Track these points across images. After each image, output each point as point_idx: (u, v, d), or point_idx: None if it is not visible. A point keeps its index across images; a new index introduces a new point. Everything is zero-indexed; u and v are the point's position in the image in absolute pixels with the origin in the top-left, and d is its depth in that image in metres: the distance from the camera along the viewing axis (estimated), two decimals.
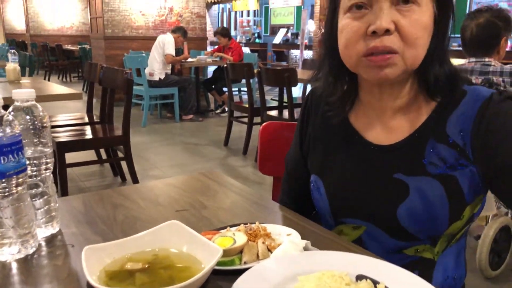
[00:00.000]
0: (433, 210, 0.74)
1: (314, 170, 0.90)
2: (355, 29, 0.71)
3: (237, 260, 0.63)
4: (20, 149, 0.66)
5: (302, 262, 0.61)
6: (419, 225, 0.76)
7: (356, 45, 0.71)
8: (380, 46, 0.69)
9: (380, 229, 0.80)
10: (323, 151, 0.89)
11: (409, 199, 0.76)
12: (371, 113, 0.84)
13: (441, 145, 0.76)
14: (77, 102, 7.07)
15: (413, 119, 0.80)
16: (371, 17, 0.69)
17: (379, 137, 0.82)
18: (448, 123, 0.76)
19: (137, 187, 1.02)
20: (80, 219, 0.82)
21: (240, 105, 4.45)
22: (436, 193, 0.74)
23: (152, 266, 0.59)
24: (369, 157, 0.82)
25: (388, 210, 0.77)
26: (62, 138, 2.74)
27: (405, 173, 0.77)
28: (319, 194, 0.88)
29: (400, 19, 0.68)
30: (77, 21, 13.87)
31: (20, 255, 0.68)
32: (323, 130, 0.90)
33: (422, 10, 0.70)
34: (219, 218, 0.84)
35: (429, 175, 0.75)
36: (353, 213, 0.82)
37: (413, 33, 0.69)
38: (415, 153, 0.77)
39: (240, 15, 16.21)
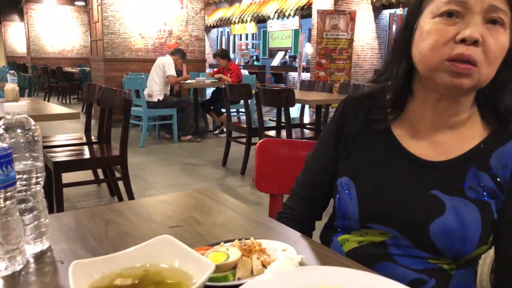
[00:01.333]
0: (467, 231, 0.76)
1: (346, 172, 0.89)
2: (444, 33, 0.72)
3: (231, 276, 0.61)
4: (10, 162, 0.65)
5: (298, 277, 0.59)
6: (449, 243, 0.77)
7: (443, 48, 0.72)
8: (466, 54, 0.71)
9: (408, 240, 0.80)
10: (360, 155, 0.88)
11: (445, 217, 0.77)
12: (419, 125, 0.84)
13: (483, 173, 0.78)
14: (75, 124, 7.08)
15: (462, 141, 0.81)
16: (462, 26, 0.71)
17: (423, 150, 0.83)
18: (493, 156, 0.79)
19: (129, 203, 1.00)
20: (70, 235, 0.80)
21: (238, 125, 4.46)
22: (472, 216, 0.76)
23: (143, 282, 0.57)
24: (409, 169, 0.83)
25: (421, 224, 0.78)
26: (59, 158, 2.72)
27: (443, 191, 0.79)
28: (349, 197, 0.86)
29: (488, 36, 0.71)
30: (78, 44, 14.06)
31: (7, 272, 0.65)
32: (363, 134, 0.89)
33: (505, 34, 0.72)
34: (213, 235, 0.82)
35: (468, 198, 0.77)
36: (383, 220, 0.82)
37: (495, 51, 0.71)
38: (456, 175, 0.79)
39: (238, 38, 16.45)
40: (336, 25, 8.42)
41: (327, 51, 8.48)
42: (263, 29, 15.21)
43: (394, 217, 0.81)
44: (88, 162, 2.92)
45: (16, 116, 0.71)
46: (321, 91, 4.89)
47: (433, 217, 0.77)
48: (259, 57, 15.33)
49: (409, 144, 0.84)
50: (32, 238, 0.73)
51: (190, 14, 7.40)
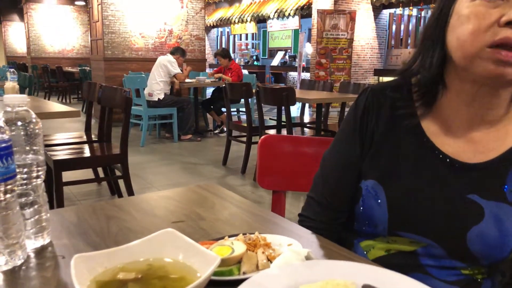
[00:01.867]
0: (506, 239, 0.71)
1: (373, 175, 0.80)
2: (486, 17, 0.64)
3: (236, 270, 0.60)
4: (10, 154, 0.64)
5: (304, 271, 0.57)
6: (487, 251, 0.72)
7: (485, 33, 0.64)
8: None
9: (442, 249, 0.74)
10: (388, 155, 0.79)
11: (484, 223, 0.71)
12: (453, 121, 0.77)
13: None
14: (75, 123, 7.07)
15: (500, 138, 0.75)
16: (506, 8, 0.63)
17: (458, 150, 0.76)
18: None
19: (131, 199, 0.99)
20: (72, 230, 0.79)
21: (238, 124, 4.45)
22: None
23: (146, 276, 0.56)
24: (444, 171, 0.76)
25: (458, 232, 0.73)
26: (59, 156, 2.71)
27: (481, 196, 0.73)
28: (377, 202, 0.78)
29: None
30: (78, 44, 14.05)
31: (7, 267, 0.64)
32: (390, 134, 0.80)
33: None
34: (216, 229, 0.80)
35: (508, 203, 0.72)
36: (415, 228, 0.75)
37: None
38: (495, 178, 0.73)
39: (238, 38, 16.43)
40: (336, 24, 8.41)
41: (327, 50, 8.47)
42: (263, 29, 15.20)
43: (427, 225, 0.74)
44: (89, 160, 2.91)
45: (17, 108, 0.70)
46: (322, 90, 4.88)
47: (471, 224, 0.71)
48: (259, 57, 15.32)
49: (442, 143, 0.77)
50: (33, 233, 0.71)
51: (190, 13, 7.39)
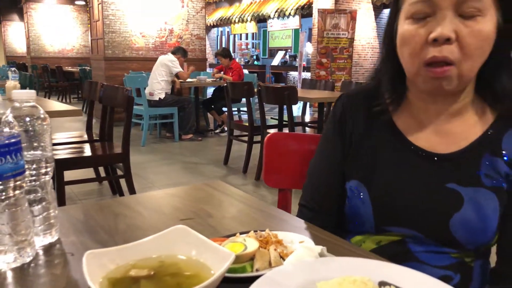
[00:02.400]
0: (487, 222, 0.74)
1: (355, 175, 0.84)
2: (416, 38, 0.70)
3: (249, 267, 0.59)
4: (19, 150, 0.63)
5: (319, 268, 0.57)
6: (471, 236, 0.75)
7: (420, 53, 0.70)
8: (439, 56, 0.68)
9: (427, 237, 0.78)
10: (367, 155, 0.84)
11: (464, 210, 0.74)
12: (423, 117, 0.81)
13: (497, 158, 0.76)
14: (75, 123, 7.05)
15: (469, 128, 0.78)
16: (433, 24, 0.68)
17: (431, 142, 0.79)
18: (504, 139, 0.76)
19: (137, 197, 0.98)
20: (79, 228, 0.78)
21: (240, 123, 4.44)
22: (491, 205, 0.74)
23: (158, 273, 0.55)
24: (421, 164, 0.79)
25: (441, 221, 0.76)
26: (60, 155, 2.70)
27: (459, 183, 0.76)
28: (361, 201, 0.82)
29: (462, 29, 0.67)
30: (78, 44, 14.03)
31: (16, 264, 0.63)
32: (367, 134, 0.85)
33: (485, 20, 0.68)
34: (225, 227, 0.80)
35: (485, 186, 0.75)
36: (399, 222, 0.79)
37: (472, 44, 0.68)
38: (470, 164, 0.76)
39: (239, 38, 16.42)
40: (336, 24, 8.40)
41: (327, 50, 8.46)
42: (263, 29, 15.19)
43: (411, 218, 0.78)
44: (91, 159, 2.90)
45: (25, 104, 0.69)
46: (323, 89, 4.87)
47: (452, 211, 0.75)
48: (259, 56, 15.30)
49: (415, 138, 0.80)
50: (41, 230, 0.71)
51: (191, 13, 7.38)
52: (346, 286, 0.48)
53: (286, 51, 14.07)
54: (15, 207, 0.63)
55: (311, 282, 0.53)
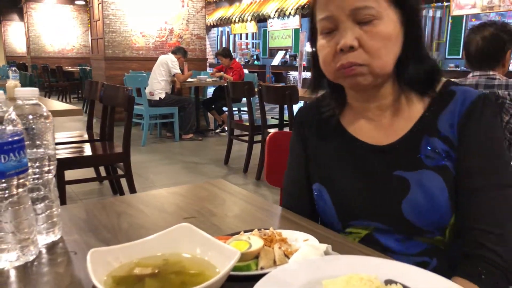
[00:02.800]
0: (436, 201, 0.77)
1: (316, 179, 0.91)
2: (328, 50, 0.79)
3: (254, 265, 0.59)
4: (22, 148, 0.63)
5: (325, 266, 0.56)
6: (424, 217, 0.78)
7: (331, 63, 0.79)
8: (346, 63, 0.76)
9: (388, 226, 0.82)
10: (323, 158, 0.91)
11: (411, 193, 0.79)
12: (363, 116, 0.88)
13: (434, 138, 0.80)
14: (76, 123, 7.05)
15: (407, 116, 0.84)
16: (338, 37, 0.77)
17: (375, 137, 0.85)
18: (440, 119, 0.81)
19: (140, 195, 0.98)
20: (82, 226, 0.78)
21: (240, 123, 4.43)
22: (435, 184, 0.78)
23: (163, 272, 0.55)
24: (368, 158, 0.85)
25: (393, 208, 0.80)
26: (61, 155, 2.70)
27: (404, 169, 0.81)
28: (324, 202, 0.88)
29: (363, 35, 0.75)
30: (78, 44, 14.02)
31: (19, 262, 0.63)
32: (321, 139, 0.92)
33: (383, 22, 0.75)
34: (229, 225, 0.79)
35: (427, 167, 0.79)
36: (360, 215, 0.84)
37: (374, 45, 0.75)
38: (411, 150, 0.81)
39: (239, 37, 16.41)
40: None
41: None
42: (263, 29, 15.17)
43: (368, 210, 0.83)
44: (91, 159, 2.89)
45: (28, 101, 0.69)
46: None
47: (401, 197, 0.79)
48: (259, 56, 15.29)
49: (361, 134, 0.87)
50: (44, 228, 0.70)
51: (191, 12, 7.38)
52: (352, 284, 0.48)
53: (286, 51, 14.05)
54: (18, 205, 0.63)
55: (316, 280, 0.53)
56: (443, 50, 11.18)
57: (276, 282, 0.53)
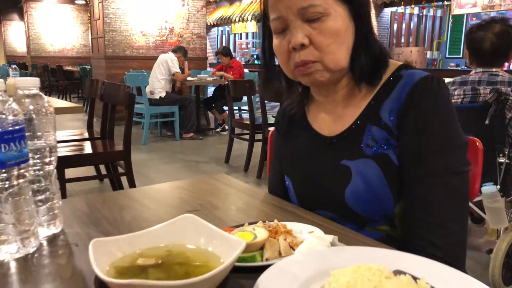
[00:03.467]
0: (375, 190, 0.78)
1: (285, 171, 0.95)
2: (282, 49, 0.80)
3: (259, 256, 0.58)
4: (23, 137, 0.61)
5: (332, 257, 0.55)
6: (365, 206, 0.79)
7: (288, 61, 0.80)
8: (299, 61, 0.77)
9: (338, 216, 0.83)
10: (288, 151, 0.95)
11: (352, 182, 0.80)
12: (323, 108, 0.90)
13: (374, 127, 0.80)
14: (76, 122, 7.04)
15: (356, 107, 0.85)
16: (289, 35, 0.78)
17: (331, 128, 0.87)
18: (383, 107, 0.81)
19: (143, 189, 0.97)
20: (84, 219, 0.77)
21: (241, 122, 4.42)
22: (373, 172, 0.78)
23: (166, 262, 0.54)
24: (323, 149, 0.87)
25: (337, 196, 0.81)
26: (61, 153, 2.68)
27: (349, 158, 0.82)
28: (290, 192, 0.92)
29: (312, 32, 0.76)
30: (78, 43, 14.01)
31: (19, 254, 0.62)
32: (289, 133, 0.96)
33: (331, 18, 0.76)
34: (232, 218, 0.78)
35: (366, 156, 0.80)
36: (316, 205, 0.86)
37: (324, 41, 0.76)
38: (356, 139, 0.82)
39: (239, 37, 16.40)
40: None
41: None
42: None
43: (321, 198, 0.85)
44: (92, 157, 2.88)
45: (29, 91, 0.68)
46: None
47: (344, 186, 0.80)
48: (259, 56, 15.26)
49: (319, 126, 0.89)
50: (45, 220, 0.69)
51: (191, 11, 7.36)
52: (361, 273, 0.47)
53: None
54: (18, 196, 0.61)
55: (323, 271, 0.52)
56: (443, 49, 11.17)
57: (282, 273, 0.52)
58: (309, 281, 0.51)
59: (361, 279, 0.46)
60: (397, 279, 0.47)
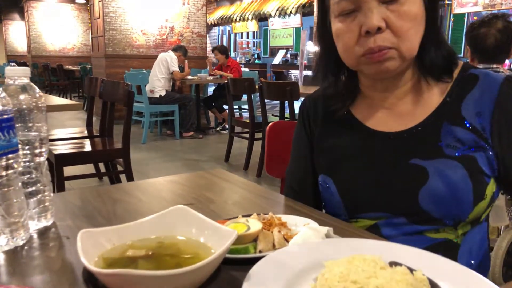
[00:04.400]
0: (457, 192, 0.72)
1: (321, 170, 0.87)
2: (349, 34, 0.72)
3: (252, 248, 0.57)
4: (12, 127, 0.60)
5: (326, 248, 0.54)
6: (443, 208, 0.73)
7: (354, 48, 0.73)
8: (374, 46, 0.70)
9: (401, 217, 0.77)
10: (329, 148, 0.86)
11: (430, 183, 0.73)
12: (377, 103, 0.83)
13: (457, 128, 0.75)
14: (76, 120, 7.04)
15: (424, 103, 0.79)
16: (361, 18, 0.71)
17: (390, 125, 0.81)
18: (463, 105, 0.76)
19: (137, 183, 0.95)
20: (76, 212, 0.76)
21: (241, 120, 4.41)
22: (458, 174, 0.72)
23: (157, 254, 0.53)
24: (381, 146, 0.80)
25: (409, 197, 0.75)
26: (60, 150, 2.67)
27: (422, 158, 0.75)
28: (330, 193, 0.83)
29: (389, 15, 0.69)
30: (78, 42, 14.02)
31: (8, 247, 0.61)
32: (327, 128, 0.88)
33: (410, 1, 0.70)
34: (227, 212, 0.77)
35: (448, 157, 0.74)
36: (370, 207, 0.79)
37: (403, 26, 0.70)
38: (430, 137, 0.76)
39: (239, 36, 16.39)
40: None
41: None
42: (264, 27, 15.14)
43: (380, 200, 0.78)
44: (91, 155, 2.87)
45: (19, 81, 0.67)
46: None
47: (419, 186, 0.74)
48: (260, 55, 15.26)
49: (374, 123, 0.82)
50: (36, 213, 0.68)
51: (192, 10, 7.35)
52: (356, 264, 0.46)
53: (287, 49, 14.02)
54: (7, 187, 0.60)
55: (317, 263, 0.50)
56: None
57: (275, 264, 0.51)
58: (303, 272, 0.49)
59: (355, 269, 0.44)
60: (392, 270, 0.45)
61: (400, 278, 0.43)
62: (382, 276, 0.43)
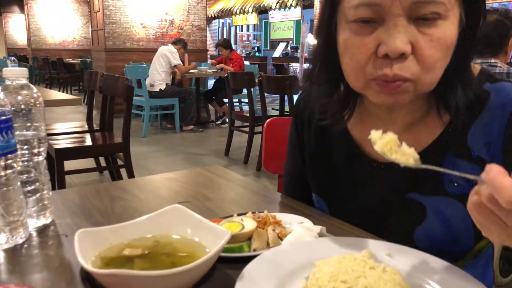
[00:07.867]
0: (456, 233, 0.66)
1: (314, 189, 0.81)
2: (362, 49, 0.58)
3: (246, 247, 0.58)
4: (10, 127, 0.61)
5: (319, 247, 0.55)
6: (439, 249, 0.66)
7: (365, 68, 0.59)
8: (391, 75, 0.56)
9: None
10: (321, 169, 0.79)
11: (427, 222, 0.67)
12: (377, 124, 0.70)
13: (463, 161, 0.65)
14: (76, 114, 7.04)
15: (426, 132, 0.69)
16: (382, 34, 0.56)
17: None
18: (470, 134, 0.65)
19: (135, 180, 0.97)
20: (75, 210, 0.77)
21: (241, 114, 4.42)
22: (458, 215, 0.65)
23: (153, 253, 0.54)
24: (378, 176, 0.71)
25: (404, 234, 0.68)
26: (61, 145, 2.69)
27: (421, 193, 0.68)
28: (324, 211, 0.79)
29: (420, 38, 0.55)
30: (79, 36, 13.97)
31: (8, 245, 0.62)
32: (321, 145, 0.79)
33: (447, 24, 0.56)
34: (224, 209, 0.78)
35: (449, 195, 0.66)
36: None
37: (433, 56, 0.56)
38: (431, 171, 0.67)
39: (240, 29, 16.33)
40: None
41: None
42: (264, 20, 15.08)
43: (374, 232, 0.69)
44: (91, 149, 2.88)
45: (17, 82, 0.67)
46: None
47: (415, 224, 0.67)
48: (260, 48, 15.21)
49: (372, 148, 0.70)
50: (35, 211, 0.69)
51: (192, 3, 7.32)
52: (346, 264, 0.47)
53: (287, 42, 13.97)
54: (6, 187, 0.61)
55: (310, 262, 0.52)
56: None
57: (268, 262, 0.52)
58: (295, 271, 0.51)
59: (344, 269, 0.46)
60: (381, 269, 0.46)
61: (388, 278, 0.44)
62: (371, 276, 0.44)
